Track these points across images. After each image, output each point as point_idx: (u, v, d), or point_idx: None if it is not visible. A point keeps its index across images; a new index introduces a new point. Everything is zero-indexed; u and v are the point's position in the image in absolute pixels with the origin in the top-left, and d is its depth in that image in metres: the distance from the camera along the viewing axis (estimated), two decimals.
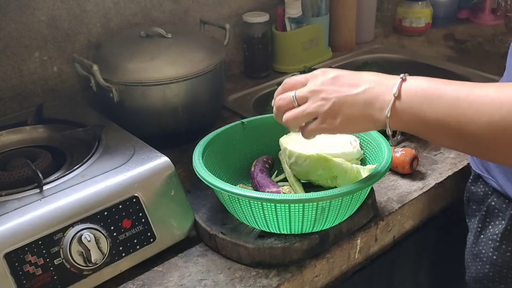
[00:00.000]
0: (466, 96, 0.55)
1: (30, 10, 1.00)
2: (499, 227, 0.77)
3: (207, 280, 0.71)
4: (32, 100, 1.04)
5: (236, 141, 0.88)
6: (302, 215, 0.70)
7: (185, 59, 0.96)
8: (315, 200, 0.67)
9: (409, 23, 1.56)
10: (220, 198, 0.77)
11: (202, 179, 0.73)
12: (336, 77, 0.62)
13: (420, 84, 0.59)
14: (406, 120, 0.59)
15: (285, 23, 1.32)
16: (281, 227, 0.72)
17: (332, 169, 0.77)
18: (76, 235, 0.66)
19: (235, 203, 0.72)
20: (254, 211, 0.71)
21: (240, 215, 0.74)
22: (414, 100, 0.58)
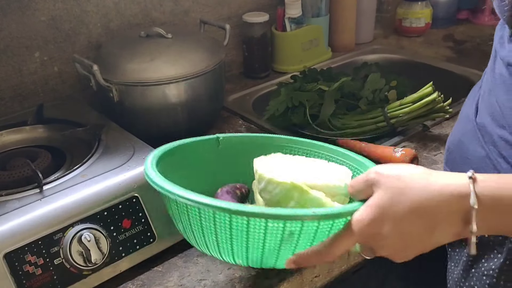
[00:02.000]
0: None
1: (31, 11, 1.00)
2: (496, 262, 0.68)
3: (207, 280, 0.71)
4: (32, 100, 1.05)
5: (206, 160, 0.75)
6: (263, 236, 0.55)
7: (185, 59, 0.96)
8: (283, 217, 0.53)
9: (409, 23, 1.56)
10: (168, 208, 0.62)
11: (148, 178, 0.60)
12: (396, 232, 0.52)
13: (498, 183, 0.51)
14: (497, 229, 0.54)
15: (285, 23, 1.32)
16: (235, 251, 0.57)
17: (307, 202, 0.61)
18: (76, 235, 0.66)
19: (181, 212, 0.58)
20: (203, 224, 0.55)
21: (188, 232, 0.60)
22: (501, 216, 0.51)
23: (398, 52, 1.46)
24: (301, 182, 0.62)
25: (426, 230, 0.52)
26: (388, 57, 1.46)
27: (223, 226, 0.55)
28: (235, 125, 1.11)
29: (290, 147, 0.80)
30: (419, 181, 0.52)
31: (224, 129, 1.09)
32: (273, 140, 0.81)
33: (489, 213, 0.50)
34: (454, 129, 0.80)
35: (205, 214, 0.56)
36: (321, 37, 1.39)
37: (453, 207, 0.51)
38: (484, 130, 0.68)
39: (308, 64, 1.36)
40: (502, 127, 0.64)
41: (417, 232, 0.52)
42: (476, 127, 0.70)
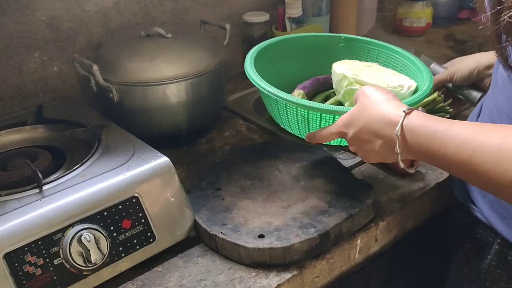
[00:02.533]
0: (472, 139, 0.56)
1: (30, 10, 1.00)
2: (485, 262, 0.73)
3: (207, 280, 0.71)
4: (32, 100, 1.04)
5: (330, 52, 0.97)
6: (286, 113, 0.82)
7: (185, 59, 0.96)
8: (297, 104, 0.78)
9: (410, 23, 1.56)
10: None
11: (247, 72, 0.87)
12: (353, 136, 0.71)
13: (423, 121, 0.62)
14: (417, 157, 0.66)
15: (286, 23, 1.32)
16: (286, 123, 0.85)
17: (351, 92, 0.81)
18: (75, 235, 0.66)
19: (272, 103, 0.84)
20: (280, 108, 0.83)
21: (284, 119, 0.85)
22: (420, 144, 0.62)
23: None
24: (350, 76, 0.84)
25: (372, 142, 0.68)
26: None
27: (277, 107, 0.84)
28: (235, 125, 1.10)
29: (394, 58, 0.97)
30: (377, 105, 0.68)
31: (224, 129, 1.09)
32: (381, 47, 0.99)
33: (407, 142, 0.63)
34: None
35: (275, 101, 0.83)
36: None
37: (386, 130, 0.65)
38: None
39: None
40: None
41: (367, 140, 0.69)
42: None
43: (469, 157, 0.56)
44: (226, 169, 0.89)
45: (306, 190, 0.83)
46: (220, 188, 0.84)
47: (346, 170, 0.89)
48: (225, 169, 0.89)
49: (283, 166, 0.89)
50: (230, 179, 0.86)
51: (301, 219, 0.76)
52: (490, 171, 0.54)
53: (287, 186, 0.84)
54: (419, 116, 0.63)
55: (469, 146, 0.56)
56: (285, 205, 0.80)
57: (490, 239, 0.72)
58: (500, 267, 0.71)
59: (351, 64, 0.90)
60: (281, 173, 0.88)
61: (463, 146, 0.57)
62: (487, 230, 0.73)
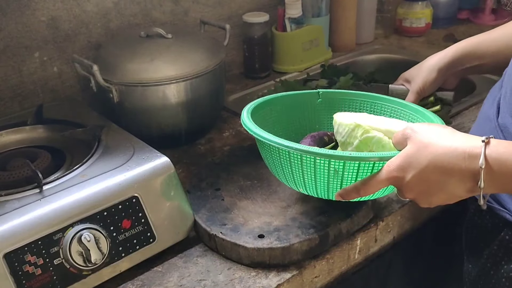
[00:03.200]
0: None
1: (30, 11, 1.00)
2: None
3: (207, 280, 0.71)
4: (32, 100, 1.04)
5: (310, 109, 0.91)
6: (313, 170, 0.68)
7: (185, 60, 0.96)
8: (328, 156, 0.65)
9: (409, 23, 1.56)
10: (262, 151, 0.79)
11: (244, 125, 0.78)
12: (411, 180, 0.61)
13: (509, 149, 0.57)
14: (504, 187, 0.59)
15: (285, 23, 1.32)
16: (299, 181, 0.72)
17: (369, 141, 0.71)
18: (75, 235, 0.66)
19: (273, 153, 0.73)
20: (282, 160, 0.71)
21: (279, 171, 0.75)
22: (510, 167, 0.56)
23: (398, 52, 1.46)
24: (364, 124, 0.72)
25: (442, 181, 0.59)
26: (388, 57, 1.46)
27: (288, 161, 0.70)
28: (235, 125, 1.11)
29: (380, 105, 0.90)
30: (442, 138, 0.60)
31: (224, 129, 1.09)
32: (363, 96, 0.91)
33: (495, 173, 0.56)
34: (473, 130, 0.79)
35: (280, 151, 0.70)
36: (322, 37, 1.39)
37: (465, 164, 0.57)
38: (506, 131, 0.67)
39: (309, 64, 1.37)
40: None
41: (435, 181, 0.60)
42: (498, 128, 0.69)
43: None
44: (225, 169, 0.89)
45: None
46: (219, 188, 0.84)
47: None
48: (224, 169, 0.89)
49: None
50: (230, 179, 0.86)
51: (301, 219, 0.77)
52: None
53: (287, 187, 0.84)
54: (502, 144, 0.57)
55: None
56: (285, 205, 0.80)
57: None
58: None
59: (352, 114, 0.82)
60: None
61: None
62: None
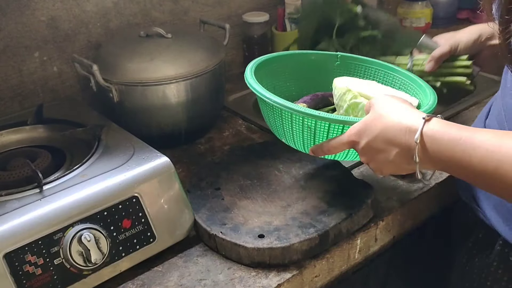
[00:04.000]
0: (497, 151, 0.55)
1: (30, 11, 1.00)
2: (487, 262, 0.73)
3: (207, 280, 0.71)
4: (32, 100, 1.05)
5: (326, 70, 0.95)
6: (291, 125, 0.76)
7: (185, 59, 0.96)
8: (302, 113, 0.73)
9: (409, 23, 1.56)
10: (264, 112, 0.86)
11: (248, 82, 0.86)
12: (366, 145, 0.67)
13: (445, 128, 0.59)
14: (436, 167, 0.63)
15: (285, 23, 1.32)
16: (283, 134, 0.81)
17: (355, 106, 0.78)
18: (76, 235, 0.66)
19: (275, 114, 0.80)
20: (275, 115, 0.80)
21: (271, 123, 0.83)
22: (441, 151, 0.59)
23: None
24: (355, 90, 0.79)
25: (387, 151, 0.64)
26: None
27: (272, 112, 0.81)
28: (235, 125, 1.11)
29: (392, 76, 0.94)
30: (395, 112, 0.64)
31: (224, 129, 1.09)
32: (378, 65, 0.95)
33: (428, 150, 0.60)
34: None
35: (267, 104, 0.80)
36: None
37: (405, 138, 0.62)
38: None
39: None
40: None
41: (382, 150, 0.65)
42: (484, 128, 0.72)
43: (496, 167, 0.54)
44: (225, 169, 0.89)
45: (306, 190, 0.83)
46: (219, 188, 0.84)
47: (346, 170, 0.89)
48: (224, 169, 0.89)
49: (282, 166, 0.89)
50: (230, 179, 0.87)
51: (301, 219, 0.77)
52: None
53: (287, 186, 0.84)
54: (440, 123, 0.60)
55: (495, 156, 0.54)
56: (285, 204, 0.80)
57: (492, 240, 0.72)
58: (501, 267, 0.72)
59: (352, 80, 0.88)
60: (281, 173, 0.88)
61: (488, 156, 0.55)
62: (489, 231, 0.73)
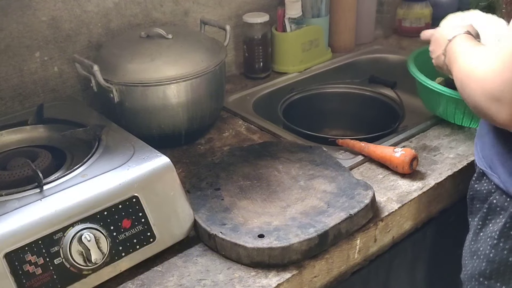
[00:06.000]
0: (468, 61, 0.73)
1: (31, 11, 1.01)
2: (499, 225, 0.77)
3: (207, 280, 0.71)
4: (32, 100, 1.05)
5: None
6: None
7: (185, 60, 0.96)
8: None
9: (409, 23, 1.56)
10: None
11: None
12: (433, 39, 0.93)
13: (460, 44, 0.81)
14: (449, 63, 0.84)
15: (285, 24, 1.32)
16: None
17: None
18: (76, 235, 0.66)
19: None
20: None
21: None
22: (451, 54, 0.82)
23: (398, 53, 1.46)
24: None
25: (442, 35, 0.88)
26: (388, 57, 1.46)
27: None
28: (235, 126, 1.11)
29: None
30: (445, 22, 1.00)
31: (224, 129, 1.09)
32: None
33: (448, 52, 0.84)
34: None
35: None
36: (321, 38, 1.39)
37: (442, 40, 0.87)
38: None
39: (309, 65, 1.37)
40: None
41: (441, 33, 0.89)
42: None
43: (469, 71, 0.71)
44: (225, 169, 0.89)
45: (305, 190, 0.83)
46: (219, 188, 0.85)
47: (345, 170, 0.89)
48: (224, 169, 0.89)
49: (282, 166, 0.90)
50: (230, 179, 0.87)
51: (300, 219, 0.77)
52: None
53: (286, 186, 0.85)
54: (463, 40, 0.82)
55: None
56: (284, 205, 0.80)
57: (505, 204, 0.76)
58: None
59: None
60: (280, 173, 0.88)
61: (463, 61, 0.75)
62: (503, 196, 0.76)
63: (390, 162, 0.92)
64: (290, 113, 1.17)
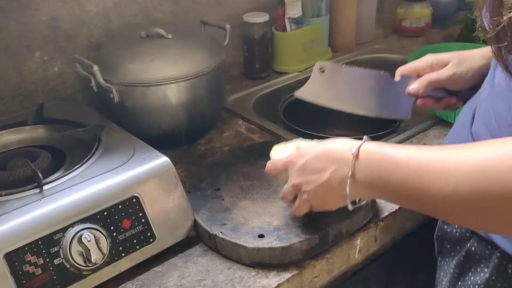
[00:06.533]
0: (416, 170, 0.55)
1: (31, 11, 1.00)
2: (482, 276, 0.68)
3: (207, 280, 0.71)
4: (32, 100, 1.05)
5: None
6: None
7: (185, 60, 0.96)
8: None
9: (409, 23, 1.56)
10: None
11: None
12: (303, 164, 0.67)
13: (372, 158, 0.61)
14: (364, 195, 0.65)
15: (285, 23, 1.32)
16: None
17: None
18: (76, 235, 0.66)
19: None
20: None
21: None
22: (370, 177, 0.60)
23: (398, 52, 1.46)
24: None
25: (323, 171, 0.65)
26: (388, 57, 1.46)
27: None
28: (235, 126, 1.11)
29: None
30: (317, 146, 0.68)
31: (224, 129, 1.09)
32: None
33: (360, 184, 0.61)
34: (450, 135, 0.79)
35: None
36: (322, 37, 1.39)
37: (339, 167, 0.63)
38: (478, 139, 0.66)
39: (309, 64, 1.37)
40: (496, 138, 0.61)
41: (319, 169, 0.65)
42: (470, 135, 0.69)
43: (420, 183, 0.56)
44: (225, 169, 0.89)
45: None
46: (219, 188, 0.85)
47: None
48: (224, 169, 0.89)
49: None
50: (230, 179, 0.87)
51: (301, 219, 0.77)
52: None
53: None
54: (375, 143, 0.63)
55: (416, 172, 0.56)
56: (285, 205, 0.80)
57: (486, 252, 0.69)
58: (499, 280, 0.68)
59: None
60: None
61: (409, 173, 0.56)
62: (482, 243, 0.69)
63: None
64: (290, 113, 1.16)
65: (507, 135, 0.58)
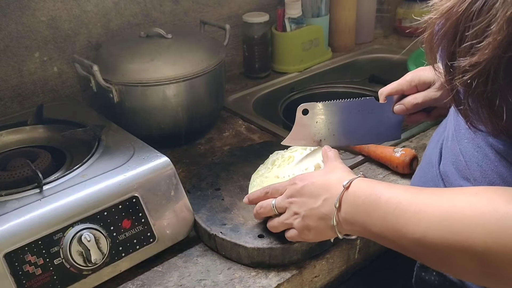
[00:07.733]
0: (394, 209, 0.55)
1: (30, 11, 1.00)
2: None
3: (207, 280, 0.71)
4: (32, 100, 1.05)
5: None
6: None
7: (185, 60, 0.96)
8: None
9: (409, 23, 1.56)
10: None
11: None
12: (302, 187, 0.67)
13: (359, 193, 0.60)
14: (350, 230, 0.63)
15: (285, 23, 1.32)
16: None
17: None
18: (76, 235, 0.66)
19: None
20: None
21: None
22: (355, 211, 0.60)
23: (398, 52, 1.46)
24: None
25: (318, 197, 0.65)
26: (388, 57, 1.46)
27: None
28: (235, 125, 1.11)
29: None
30: (319, 174, 0.68)
31: (224, 129, 1.09)
32: None
33: (345, 217, 0.61)
34: (416, 174, 0.76)
35: None
36: (321, 37, 1.39)
37: (328, 201, 0.63)
38: (447, 180, 0.63)
39: (308, 64, 1.37)
40: (466, 179, 0.59)
41: (314, 194, 0.65)
42: (439, 176, 0.65)
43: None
44: (225, 169, 0.89)
45: None
46: (219, 188, 0.84)
47: None
48: (224, 169, 0.89)
49: None
50: (230, 179, 0.87)
51: None
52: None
53: None
54: (364, 181, 0.62)
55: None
56: None
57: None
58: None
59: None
60: None
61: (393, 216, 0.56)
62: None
63: (390, 162, 0.92)
64: (290, 113, 1.16)
65: (478, 175, 0.57)
